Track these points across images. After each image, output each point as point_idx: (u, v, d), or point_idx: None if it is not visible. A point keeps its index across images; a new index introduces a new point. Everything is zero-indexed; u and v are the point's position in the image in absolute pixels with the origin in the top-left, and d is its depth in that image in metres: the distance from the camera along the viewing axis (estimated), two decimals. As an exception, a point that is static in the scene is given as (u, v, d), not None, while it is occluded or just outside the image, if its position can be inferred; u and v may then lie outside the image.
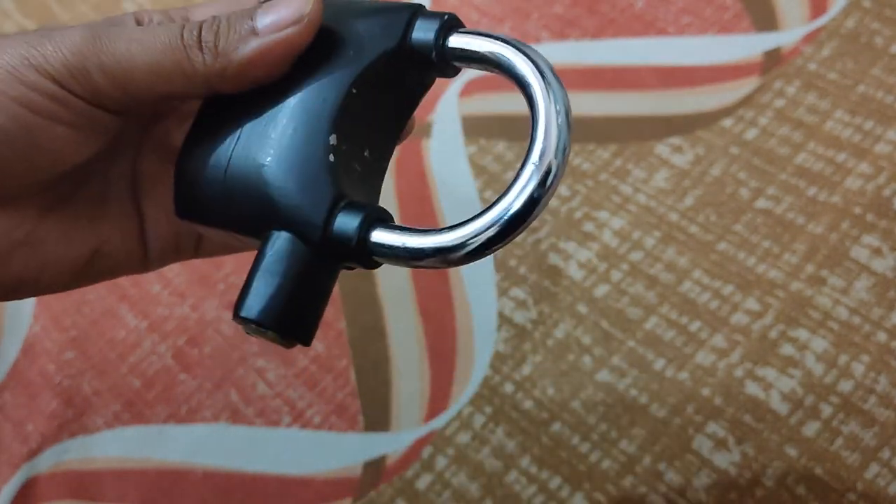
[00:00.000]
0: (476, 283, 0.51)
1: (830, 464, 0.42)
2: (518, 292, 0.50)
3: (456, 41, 0.27)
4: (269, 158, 0.27)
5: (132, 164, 0.33)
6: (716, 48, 0.58)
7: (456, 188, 0.55)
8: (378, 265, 0.27)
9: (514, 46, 0.26)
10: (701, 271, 0.49)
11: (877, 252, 0.48)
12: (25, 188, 0.29)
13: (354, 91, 0.27)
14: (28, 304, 0.56)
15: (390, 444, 0.47)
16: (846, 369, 0.44)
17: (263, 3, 0.28)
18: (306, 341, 0.27)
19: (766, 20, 0.58)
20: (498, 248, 0.25)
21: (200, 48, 0.27)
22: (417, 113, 0.31)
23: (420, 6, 0.28)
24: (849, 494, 0.41)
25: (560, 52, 0.60)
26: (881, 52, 0.55)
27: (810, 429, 0.43)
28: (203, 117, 0.29)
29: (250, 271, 0.27)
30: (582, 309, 0.49)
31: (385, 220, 0.26)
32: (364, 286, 0.52)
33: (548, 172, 0.25)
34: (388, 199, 0.55)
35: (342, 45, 0.28)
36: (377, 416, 0.47)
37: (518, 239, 0.52)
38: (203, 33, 0.27)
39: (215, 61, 0.27)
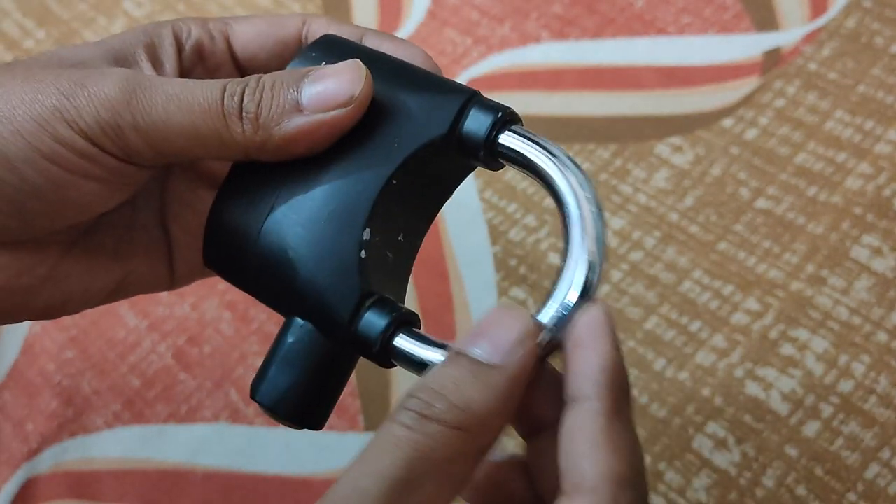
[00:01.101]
0: (476, 283, 0.51)
1: (830, 464, 0.42)
2: (518, 292, 0.50)
3: (507, 140, 0.26)
4: (299, 243, 0.26)
5: (160, 189, 0.32)
6: (716, 48, 0.58)
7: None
8: (394, 366, 0.26)
9: (558, 165, 0.25)
10: (701, 271, 0.49)
11: (877, 252, 0.48)
12: (50, 232, 0.28)
13: (395, 182, 0.26)
14: (28, 304, 0.56)
15: (390, 443, 0.47)
16: (846, 369, 0.44)
17: (310, 70, 0.26)
18: (318, 427, 0.27)
19: (766, 20, 0.58)
20: None
21: (241, 117, 0.25)
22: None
23: (477, 93, 0.27)
24: (849, 494, 0.41)
25: (560, 52, 0.60)
26: (881, 52, 0.55)
27: (810, 429, 0.43)
28: (240, 168, 0.28)
29: (269, 353, 0.26)
30: (582, 309, 0.49)
31: (410, 325, 0.25)
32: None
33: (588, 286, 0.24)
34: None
35: (389, 124, 0.26)
36: (377, 416, 0.47)
37: (518, 238, 0.52)
38: (245, 101, 0.25)
39: (255, 134, 0.25)
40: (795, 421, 0.43)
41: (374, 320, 0.25)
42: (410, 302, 0.51)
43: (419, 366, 0.25)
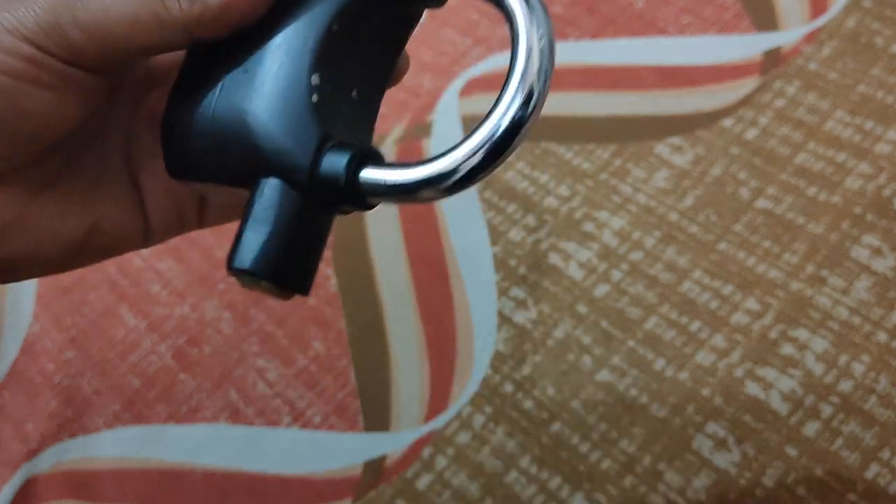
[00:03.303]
0: (476, 282, 0.51)
1: (830, 464, 0.42)
2: (518, 292, 0.50)
3: None
4: (251, 104, 0.26)
5: (126, 137, 0.33)
6: (716, 48, 0.58)
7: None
8: (372, 206, 0.27)
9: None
10: (701, 271, 0.49)
11: (877, 252, 0.48)
12: (12, 164, 0.28)
13: (335, 28, 0.27)
14: (28, 304, 0.56)
15: (390, 444, 0.47)
16: (846, 369, 0.44)
17: None
18: (304, 290, 0.27)
19: (766, 20, 0.58)
20: (486, 174, 0.25)
21: (176, 2, 0.27)
22: (417, 113, 0.31)
23: None
24: (849, 494, 0.41)
25: (560, 52, 0.60)
26: (881, 52, 0.55)
27: (810, 429, 0.43)
28: (185, 71, 0.29)
29: (241, 223, 0.26)
30: (582, 309, 0.49)
31: (374, 158, 0.26)
32: (364, 285, 0.52)
33: (530, 94, 0.24)
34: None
35: None
36: (377, 416, 0.47)
37: (518, 238, 0.52)
38: None
39: (192, 6, 0.27)
40: (795, 421, 0.43)
41: (335, 159, 0.26)
42: (411, 301, 0.51)
43: (395, 190, 0.25)
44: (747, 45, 0.57)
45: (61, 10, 0.26)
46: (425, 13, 0.30)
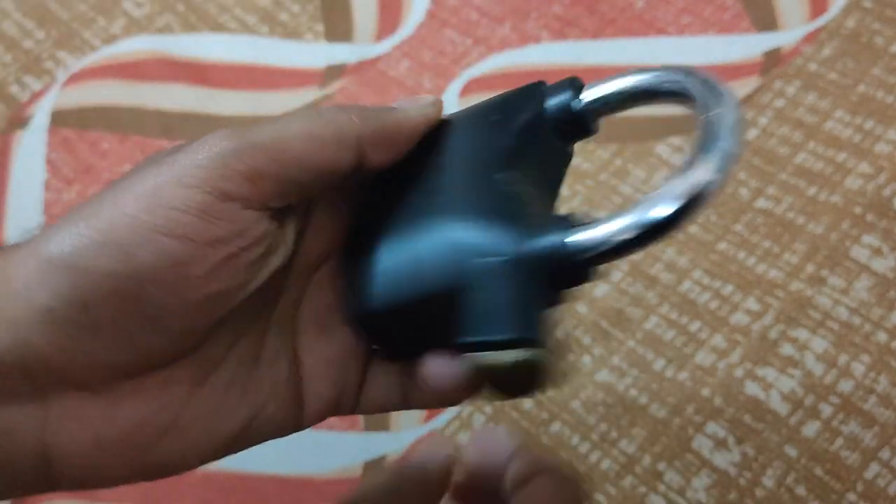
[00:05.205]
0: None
1: (830, 464, 0.42)
2: (518, 292, 0.50)
3: (589, 94, 0.28)
4: (442, 218, 0.26)
5: (292, 310, 0.29)
6: (716, 48, 0.58)
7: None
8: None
9: (649, 71, 0.28)
10: (701, 271, 0.49)
11: (877, 252, 0.48)
12: (178, 349, 0.25)
13: (498, 177, 0.27)
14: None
15: (390, 444, 0.47)
16: (846, 369, 0.44)
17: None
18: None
19: (766, 20, 0.58)
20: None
21: (350, 116, 0.27)
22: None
23: (542, 81, 0.29)
24: (849, 494, 0.41)
25: (560, 52, 0.60)
26: (881, 52, 0.55)
27: (810, 429, 0.43)
28: (361, 220, 0.29)
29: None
30: (582, 309, 0.49)
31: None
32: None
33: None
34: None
35: (484, 132, 0.29)
36: (377, 416, 0.47)
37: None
38: (349, 111, 0.27)
39: (366, 123, 0.27)
40: (795, 421, 0.43)
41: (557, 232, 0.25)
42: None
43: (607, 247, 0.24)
44: (747, 46, 0.57)
45: (237, 140, 0.24)
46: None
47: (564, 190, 0.53)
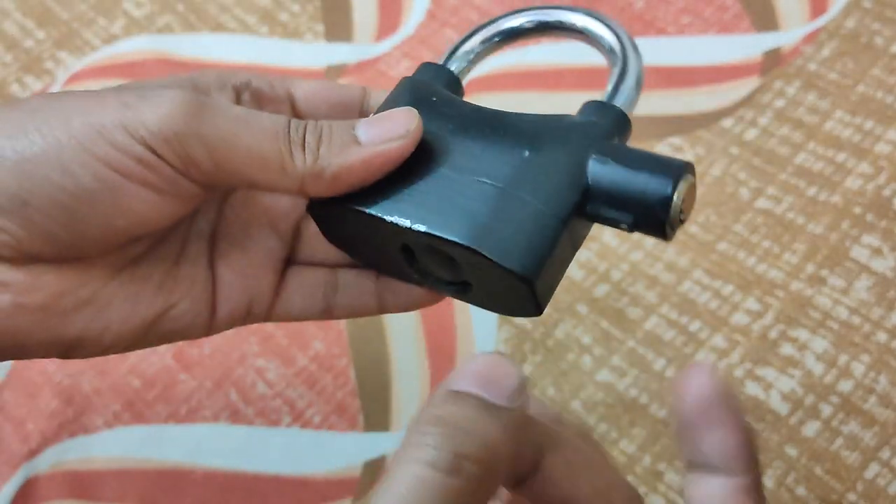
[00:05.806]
0: (476, 282, 0.51)
1: (830, 464, 0.42)
2: (518, 292, 0.50)
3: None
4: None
5: (212, 224, 0.32)
6: (716, 48, 0.58)
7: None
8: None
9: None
10: (701, 271, 0.49)
11: (877, 252, 0.48)
12: (98, 249, 0.28)
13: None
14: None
15: (390, 443, 0.47)
16: (846, 369, 0.44)
17: (367, 117, 0.28)
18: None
19: (766, 20, 0.58)
20: None
21: (303, 147, 0.27)
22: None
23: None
24: (849, 494, 0.41)
25: (559, 53, 0.60)
26: (881, 52, 0.55)
27: (810, 429, 0.43)
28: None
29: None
30: (582, 309, 0.49)
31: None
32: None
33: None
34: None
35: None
36: (377, 416, 0.47)
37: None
38: (307, 134, 0.27)
39: (315, 164, 0.27)
40: (795, 421, 0.43)
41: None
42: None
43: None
44: (747, 46, 0.57)
45: (189, 123, 0.26)
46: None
47: (564, 190, 0.53)
